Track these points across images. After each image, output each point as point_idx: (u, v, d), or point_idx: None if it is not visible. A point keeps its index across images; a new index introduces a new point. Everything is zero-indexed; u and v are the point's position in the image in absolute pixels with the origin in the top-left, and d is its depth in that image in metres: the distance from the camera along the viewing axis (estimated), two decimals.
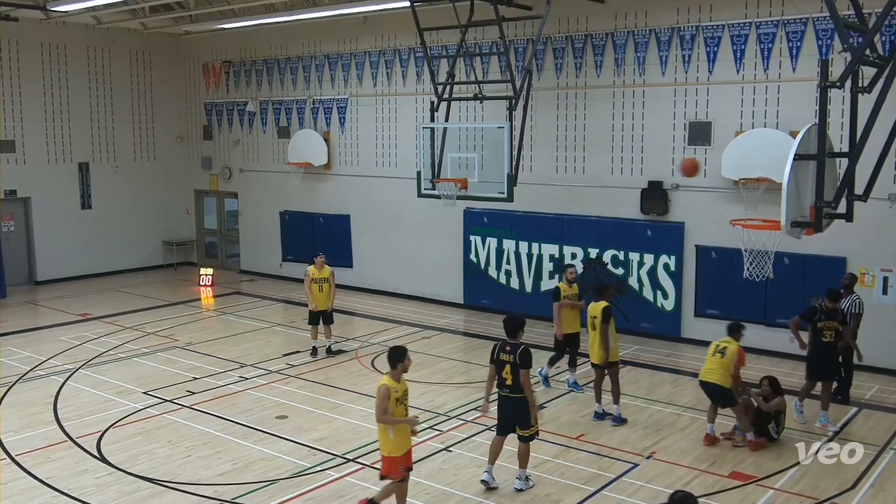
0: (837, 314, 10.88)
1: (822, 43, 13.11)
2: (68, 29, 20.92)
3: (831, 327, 10.78)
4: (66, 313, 17.80)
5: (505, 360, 8.72)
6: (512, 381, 8.69)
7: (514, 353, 8.66)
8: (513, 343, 8.79)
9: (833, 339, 10.84)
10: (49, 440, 10.42)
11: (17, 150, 20.42)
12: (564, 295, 12.14)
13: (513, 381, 8.68)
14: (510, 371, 8.68)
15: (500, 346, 8.86)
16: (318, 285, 14.14)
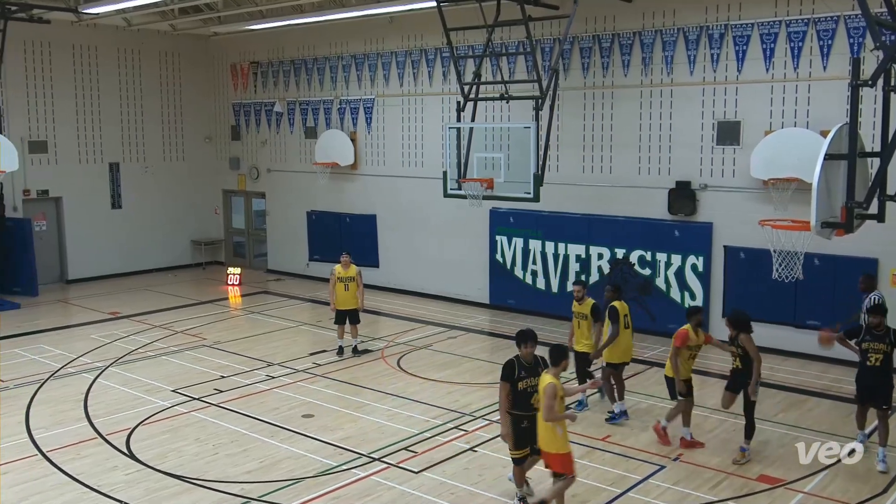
0: (887, 336, 9.58)
1: (853, 41, 12.94)
2: (99, 31, 21.21)
3: (878, 350, 9.59)
4: (97, 312, 18.05)
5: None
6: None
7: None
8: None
9: (881, 364, 9.57)
10: (79, 437, 10.57)
11: (50, 150, 20.75)
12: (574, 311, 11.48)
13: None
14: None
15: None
16: (343, 284, 14.20)
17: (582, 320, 11.30)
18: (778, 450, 10.09)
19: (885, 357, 9.56)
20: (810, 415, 11.39)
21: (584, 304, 11.32)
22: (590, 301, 11.28)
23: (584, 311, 11.23)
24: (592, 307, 11.21)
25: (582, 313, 11.31)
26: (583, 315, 11.29)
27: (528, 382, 8.23)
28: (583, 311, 11.30)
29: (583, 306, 11.32)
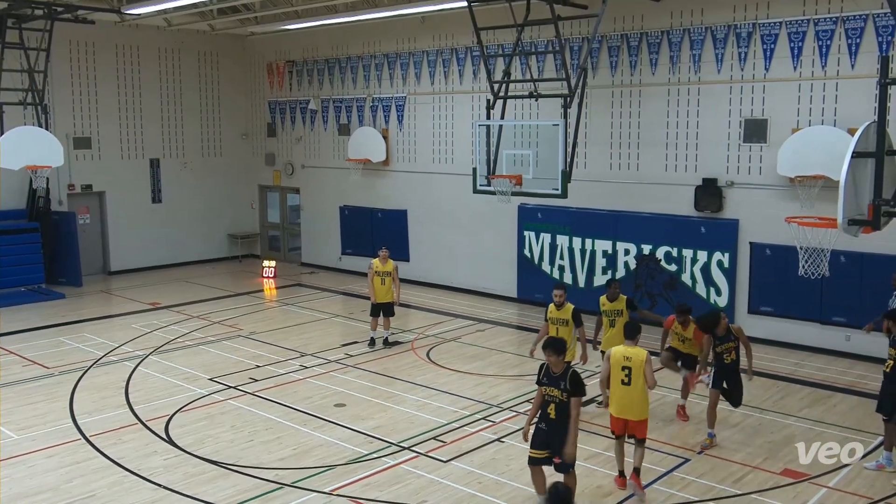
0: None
1: (882, 39, 12.90)
2: (141, 31, 21.65)
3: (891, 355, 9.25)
4: (138, 302, 18.45)
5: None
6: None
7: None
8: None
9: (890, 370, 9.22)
10: (121, 422, 10.85)
11: (93, 146, 21.24)
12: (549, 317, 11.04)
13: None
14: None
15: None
16: (380, 278, 14.40)
17: (561, 326, 10.76)
18: (803, 445, 10.08)
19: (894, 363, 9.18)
20: (835, 410, 11.40)
21: (563, 309, 10.85)
22: (570, 306, 10.85)
23: (565, 316, 10.79)
24: (573, 312, 10.80)
25: (562, 319, 10.80)
26: (562, 321, 10.79)
27: (546, 390, 8.01)
28: (563, 317, 10.80)
29: (563, 311, 10.84)
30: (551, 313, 10.93)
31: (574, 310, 10.84)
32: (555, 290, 10.98)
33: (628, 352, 8.66)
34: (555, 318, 10.87)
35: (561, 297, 10.85)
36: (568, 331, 10.75)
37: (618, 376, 8.68)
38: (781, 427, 10.74)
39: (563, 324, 10.77)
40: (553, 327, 10.87)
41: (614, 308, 11.28)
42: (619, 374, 8.67)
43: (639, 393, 8.59)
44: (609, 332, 11.29)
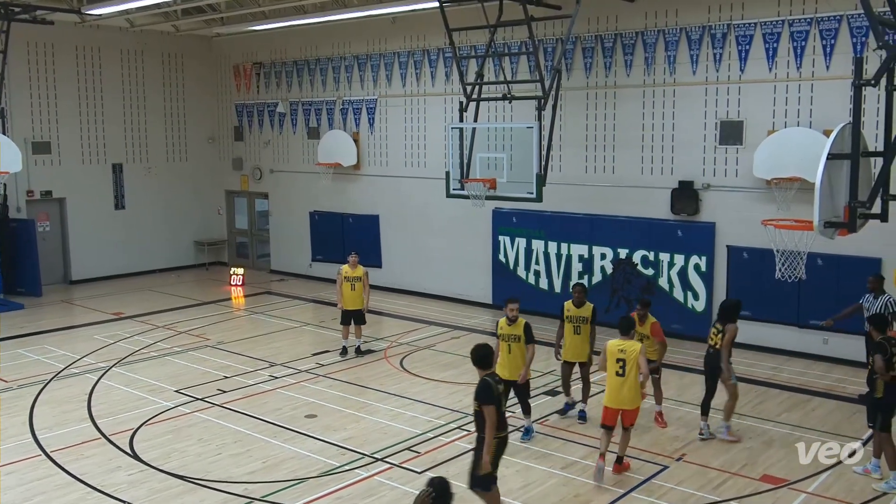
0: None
1: (856, 40, 12.93)
2: (102, 32, 21.24)
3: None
4: (100, 312, 18.08)
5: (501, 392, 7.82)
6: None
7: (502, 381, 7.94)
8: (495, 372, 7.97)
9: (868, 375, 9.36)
10: (83, 437, 10.59)
11: (53, 151, 20.79)
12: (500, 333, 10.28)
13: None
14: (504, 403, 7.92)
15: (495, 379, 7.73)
16: (350, 284, 14.21)
17: (514, 343, 10.06)
18: (781, 450, 10.08)
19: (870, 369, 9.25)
20: (814, 415, 11.37)
21: (516, 324, 10.10)
22: (522, 321, 10.12)
23: (517, 332, 10.06)
24: (526, 328, 10.10)
25: (514, 335, 10.07)
26: (515, 337, 10.06)
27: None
28: (515, 333, 10.07)
29: (515, 327, 10.09)
30: (502, 329, 10.12)
31: (526, 325, 10.11)
32: (510, 303, 10.09)
33: (623, 345, 9.16)
34: (506, 333, 10.07)
35: (515, 310, 10.06)
36: (521, 347, 10.05)
37: (613, 368, 9.14)
38: (760, 432, 10.72)
39: (516, 340, 10.04)
40: (504, 344, 10.07)
41: (579, 314, 10.91)
42: (614, 366, 9.14)
43: (631, 384, 9.07)
44: (572, 339, 10.96)
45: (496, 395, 7.51)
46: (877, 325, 9.39)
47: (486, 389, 7.50)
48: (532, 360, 10.19)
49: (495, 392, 7.51)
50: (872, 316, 9.99)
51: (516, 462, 9.67)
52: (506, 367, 9.94)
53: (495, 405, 7.48)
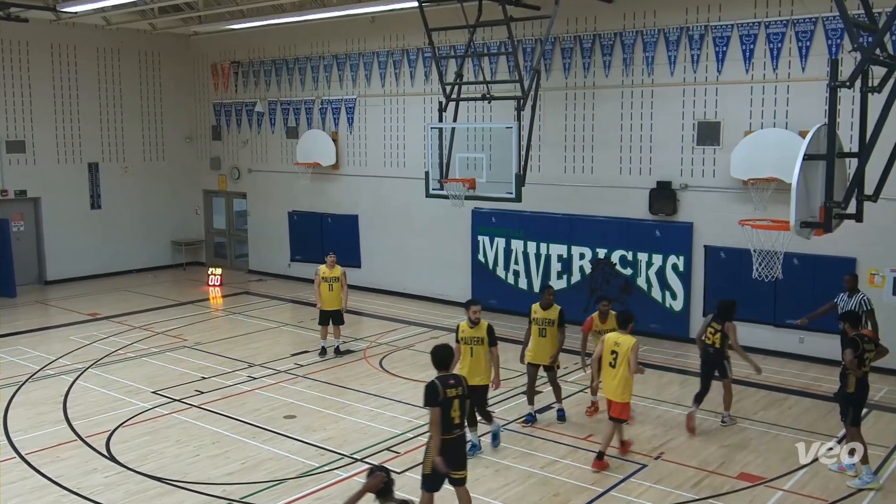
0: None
1: (831, 42, 13.06)
2: (78, 30, 21.01)
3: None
4: (76, 313, 17.88)
5: (453, 395, 7.60)
6: (461, 418, 7.69)
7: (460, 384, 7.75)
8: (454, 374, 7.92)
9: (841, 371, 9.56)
10: (58, 439, 10.47)
11: (27, 150, 20.52)
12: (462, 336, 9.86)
13: (460, 416, 7.68)
14: (459, 407, 7.65)
15: (442, 381, 7.62)
16: (328, 284, 14.16)
17: (476, 346, 9.65)
18: (758, 448, 10.18)
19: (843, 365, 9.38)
20: (790, 413, 11.49)
21: (478, 326, 9.69)
22: (485, 323, 9.73)
23: (480, 334, 9.65)
24: (489, 330, 9.71)
25: (477, 337, 9.67)
26: (477, 339, 9.66)
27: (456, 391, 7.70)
28: (478, 335, 9.67)
29: (477, 329, 9.68)
30: (464, 332, 9.71)
31: (490, 327, 9.75)
32: (472, 305, 9.77)
33: (619, 338, 9.53)
34: (469, 336, 9.67)
35: (478, 312, 9.73)
36: (483, 350, 9.68)
37: (606, 359, 9.58)
38: (737, 430, 10.81)
39: (479, 342, 9.64)
40: (467, 348, 9.68)
41: (546, 317, 10.73)
42: (607, 357, 9.57)
43: (621, 377, 9.41)
44: (537, 341, 10.81)
45: (442, 398, 7.47)
46: (851, 322, 9.50)
47: (431, 391, 7.50)
48: (499, 363, 9.85)
49: (441, 395, 7.47)
50: (845, 312, 10.10)
51: (496, 461, 9.70)
52: (469, 371, 9.57)
53: (441, 407, 7.45)
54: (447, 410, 7.51)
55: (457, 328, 9.93)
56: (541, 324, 10.77)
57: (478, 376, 9.59)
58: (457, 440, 7.68)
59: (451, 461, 7.60)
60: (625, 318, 9.75)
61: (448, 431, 7.53)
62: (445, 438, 7.52)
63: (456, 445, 7.67)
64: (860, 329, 9.55)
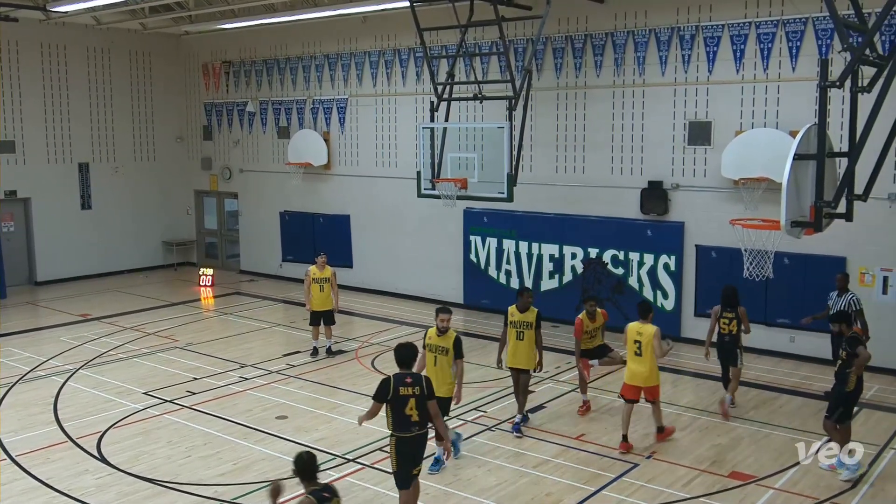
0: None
1: (821, 42, 13.11)
2: (68, 29, 20.92)
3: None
4: (67, 314, 17.80)
5: (407, 394, 7.58)
6: (420, 416, 7.63)
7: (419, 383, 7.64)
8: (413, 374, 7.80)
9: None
10: (49, 440, 10.42)
11: (17, 150, 20.42)
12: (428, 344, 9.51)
13: (419, 415, 7.62)
14: (416, 406, 7.60)
15: (398, 379, 7.62)
16: (318, 285, 14.14)
17: (441, 355, 9.26)
18: (750, 446, 10.21)
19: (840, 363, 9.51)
20: (781, 412, 11.51)
21: (446, 336, 9.30)
22: (453, 333, 9.35)
23: (446, 344, 9.25)
24: (455, 341, 9.31)
25: (442, 347, 9.26)
26: (443, 349, 9.26)
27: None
28: (443, 345, 9.25)
29: (444, 338, 9.28)
30: (430, 339, 9.33)
31: (457, 338, 9.35)
32: (441, 314, 9.27)
33: (640, 328, 10.05)
34: (434, 345, 9.28)
35: (447, 321, 9.28)
36: (448, 361, 9.28)
37: (631, 349, 10.10)
38: (729, 429, 10.82)
39: (443, 352, 9.25)
40: (431, 356, 9.30)
41: (524, 320, 10.46)
42: (632, 347, 10.08)
43: (649, 364, 9.96)
44: (515, 345, 10.51)
45: (392, 395, 7.52)
46: (846, 322, 9.62)
47: (382, 386, 7.61)
48: (462, 376, 9.49)
49: (391, 392, 7.52)
50: (837, 313, 10.14)
51: (488, 461, 9.71)
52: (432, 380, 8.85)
53: (389, 404, 7.55)
54: (400, 408, 7.55)
55: (424, 334, 9.59)
56: (518, 327, 10.47)
57: (441, 388, 9.03)
58: (416, 438, 7.70)
59: (409, 459, 7.70)
60: (645, 308, 10.30)
61: (404, 430, 7.60)
62: (403, 436, 7.61)
63: (415, 444, 7.73)
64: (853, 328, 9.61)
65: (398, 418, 7.57)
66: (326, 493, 5.98)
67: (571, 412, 11.43)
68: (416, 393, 7.57)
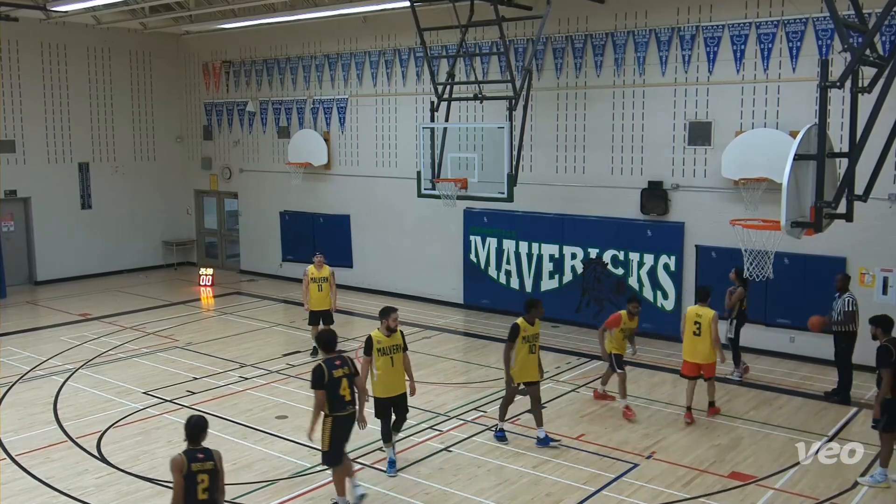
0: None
1: (821, 43, 13.11)
2: (68, 29, 20.92)
3: None
4: (67, 313, 17.80)
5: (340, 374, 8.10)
6: (352, 395, 8.13)
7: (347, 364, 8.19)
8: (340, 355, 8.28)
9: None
10: (49, 440, 10.42)
11: (17, 150, 20.42)
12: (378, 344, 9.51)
13: (350, 393, 8.12)
14: (348, 385, 8.10)
15: (329, 364, 8.12)
16: (317, 285, 14.14)
17: (395, 354, 9.36)
18: (750, 447, 10.20)
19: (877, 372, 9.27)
20: (781, 412, 11.50)
21: (395, 335, 9.45)
22: (399, 330, 9.57)
23: (398, 342, 9.45)
24: (402, 335, 9.59)
25: (395, 346, 9.39)
26: (397, 347, 9.41)
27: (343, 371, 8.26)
28: (397, 343, 9.42)
29: (394, 337, 9.44)
30: (381, 342, 9.34)
31: (401, 332, 9.59)
32: (392, 313, 9.40)
33: (699, 311, 10.91)
34: (387, 346, 9.32)
35: (396, 320, 9.43)
36: (402, 357, 9.46)
37: (690, 329, 10.93)
38: (729, 430, 10.83)
39: (398, 350, 9.40)
40: (386, 358, 9.32)
41: (536, 332, 10.11)
42: (691, 327, 10.92)
43: (707, 343, 10.78)
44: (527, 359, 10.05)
45: (328, 380, 8.04)
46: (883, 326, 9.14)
47: (317, 374, 8.11)
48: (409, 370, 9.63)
49: (327, 377, 8.04)
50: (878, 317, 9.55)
51: (488, 461, 9.71)
52: (390, 382, 9.37)
53: (326, 389, 8.03)
54: (335, 390, 8.06)
55: (369, 340, 9.38)
56: (531, 340, 10.08)
57: (400, 386, 9.35)
58: (349, 417, 8.24)
59: (341, 438, 8.25)
60: (704, 292, 11.18)
61: (340, 409, 8.11)
62: (338, 416, 8.12)
63: (348, 422, 8.25)
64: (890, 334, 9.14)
65: (334, 399, 8.06)
66: (201, 454, 6.57)
67: (571, 412, 11.43)
68: (347, 372, 8.19)
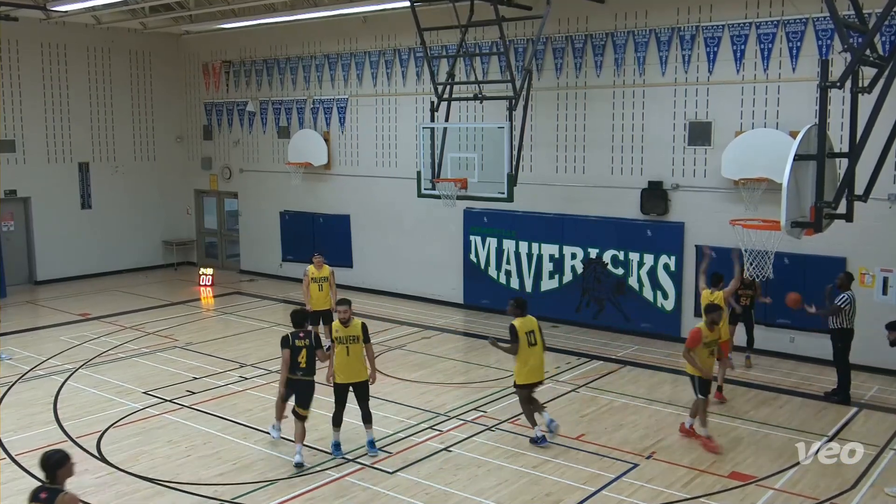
0: None
1: (822, 43, 13.10)
2: (68, 29, 20.91)
3: None
4: (66, 313, 17.79)
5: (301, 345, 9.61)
6: (307, 364, 9.61)
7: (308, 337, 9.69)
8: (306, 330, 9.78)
9: None
10: (49, 440, 10.32)
11: (17, 149, 20.41)
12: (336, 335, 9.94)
13: (307, 362, 9.60)
14: (306, 355, 9.61)
15: (293, 334, 9.69)
16: (317, 285, 14.12)
17: (352, 344, 9.75)
18: (750, 447, 10.20)
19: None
20: (781, 412, 11.50)
21: (351, 326, 9.81)
22: (358, 322, 9.89)
23: (355, 332, 9.78)
24: (363, 328, 9.86)
25: (352, 336, 9.77)
26: (353, 338, 9.77)
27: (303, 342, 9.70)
28: (352, 334, 9.78)
29: (351, 328, 9.80)
30: (338, 332, 9.79)
31: (363, 325, 9.89)
32: (339, 306, 9.99)
33: (714, 296, 11.62)
34: (343, 336, 9.76)
35: (346, 312, 9.83)
36: (359, 348, 9.80)
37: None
38: (729, 430, 10.81)
39: (354, 341, 9.75)
40: (343, 347, 9.74)
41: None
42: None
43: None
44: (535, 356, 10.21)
45: (291, 345, 9.58)
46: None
47: (284, 339, 9.73)
48: (372, 359, 9.97)
49: (291, 342, 9.59)
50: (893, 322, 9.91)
51: (488, 461, 9.70)
52: (346, 370, 9.79)
53: (290, 349, 9.58)
54: (294, 356, 9.60)
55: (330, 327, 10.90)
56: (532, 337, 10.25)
57: (357, 374, 9.94)
58: (303, 383, 9.71)
59: (297, 399, 9.80)
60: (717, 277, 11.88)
61: (294, 373, 9.64)
62: (292, 378, 9.66)
63: (303, 386, 9.72)
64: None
65: (292, 363, 9.61)
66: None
67: (571, 412, 11.42)
68: (307, 344, 9.63)
